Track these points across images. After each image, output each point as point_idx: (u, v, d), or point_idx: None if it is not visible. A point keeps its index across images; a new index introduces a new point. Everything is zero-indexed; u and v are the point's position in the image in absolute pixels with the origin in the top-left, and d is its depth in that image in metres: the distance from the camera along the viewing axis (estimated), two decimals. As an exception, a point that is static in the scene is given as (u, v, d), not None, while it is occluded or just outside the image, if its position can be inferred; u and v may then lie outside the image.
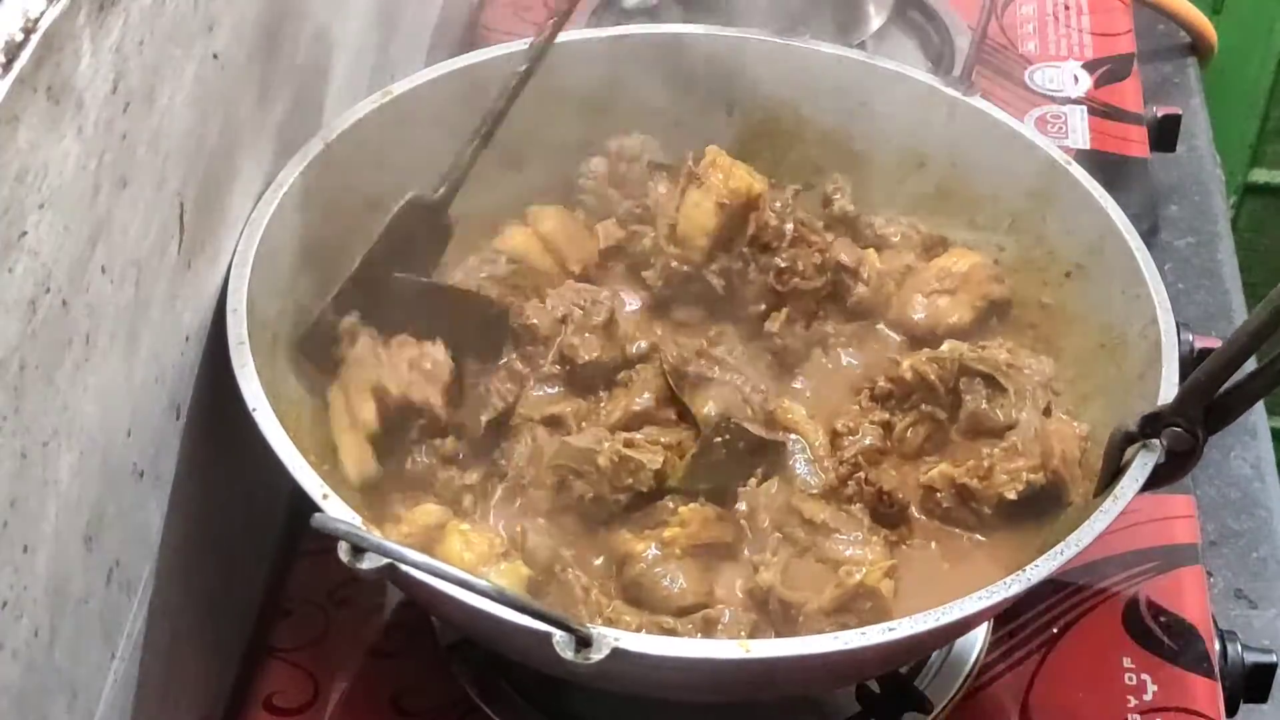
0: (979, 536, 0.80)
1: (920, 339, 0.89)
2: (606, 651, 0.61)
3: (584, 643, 0.61)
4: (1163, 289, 0.80)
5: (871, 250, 0.91)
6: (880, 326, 0.91)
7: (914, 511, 0.80)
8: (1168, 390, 0.75)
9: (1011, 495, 0.78)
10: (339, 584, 0.86)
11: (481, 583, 0.60)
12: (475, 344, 0.84)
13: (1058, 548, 0.68)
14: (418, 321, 0.82)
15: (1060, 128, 1.16)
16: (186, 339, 0.74)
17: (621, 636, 0.62)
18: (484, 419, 0.81)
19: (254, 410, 0.71)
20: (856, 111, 0.94)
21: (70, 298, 0.60)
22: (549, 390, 0.83)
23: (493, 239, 0.91)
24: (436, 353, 0.81)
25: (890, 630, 0.65)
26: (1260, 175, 1.79)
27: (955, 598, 0.67)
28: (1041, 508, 0.79)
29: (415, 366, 0.80)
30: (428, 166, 0.90)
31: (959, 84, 0.91)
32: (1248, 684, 0.85)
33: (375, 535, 0.61)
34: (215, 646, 0.83)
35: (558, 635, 0.61)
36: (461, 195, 0.87)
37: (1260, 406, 1.06)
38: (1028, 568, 0.68)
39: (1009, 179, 0.90)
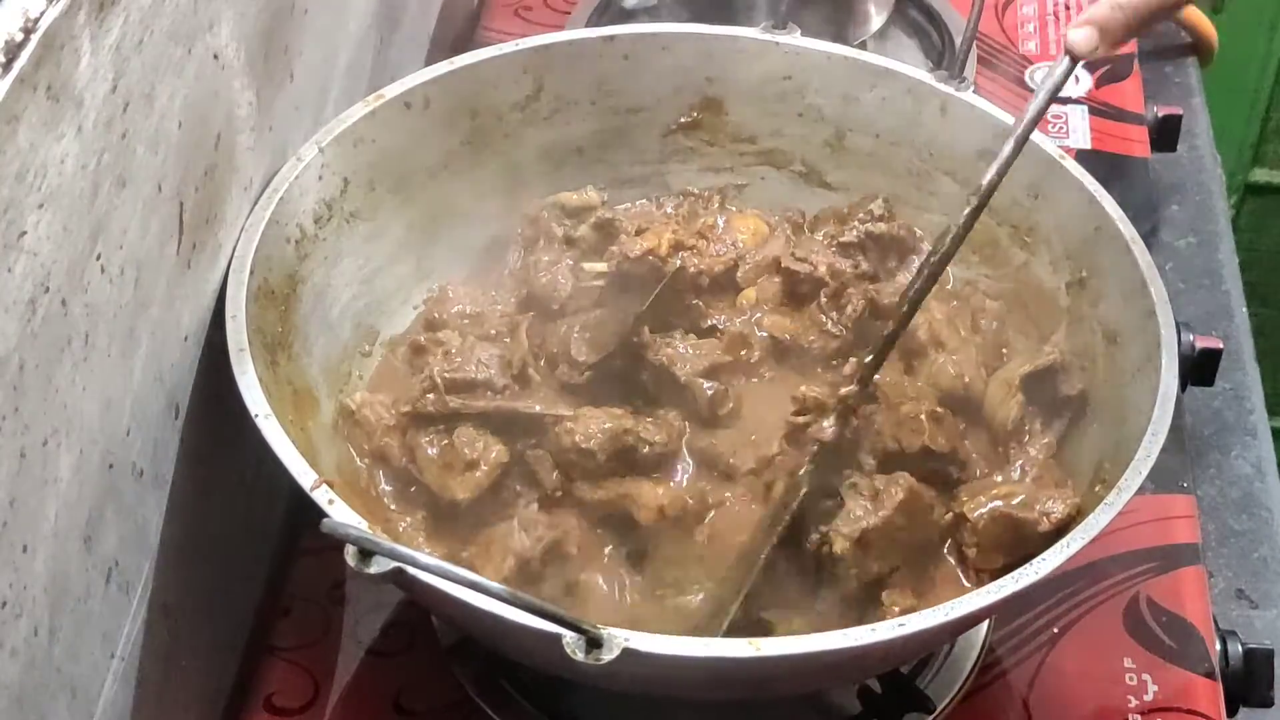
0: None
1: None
2: (617, 652, 0.61)
3: (594, 643, 0.61)
4: (1159, 281, 0.80)
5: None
6: None
7: None
8: (1168, 381, 0.75)
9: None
10: (339, 583, 0.86)
11: (494, 585, 0.60)
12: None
13: (1063, 541, 0.68)
14: None
15: (1061, 127, 1.16)
16: (185, 339, 0.74)
17: (631, 636, 0.62)
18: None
19: (257, 417, 0.71)
20: (849, 108, 0.94)
21: (69, 297, 0.60)
22: None
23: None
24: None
25: (900, 626, 0.65)
26: (1260, 175, 1.79)
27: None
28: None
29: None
30: (428, 165, 0.91)
31: (951, 79, 0.91)
32: (1250, 683, 0.85)
33: (383, 539, 0.61)
34: (215, 645, 0.83)
35: (568, 636, 0.61)
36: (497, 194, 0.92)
37: (1261, 406, 1.07)
38: (1034, 561, 0.68)
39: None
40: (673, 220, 0.94)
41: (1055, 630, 0.85)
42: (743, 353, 0.86)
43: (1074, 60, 0.75)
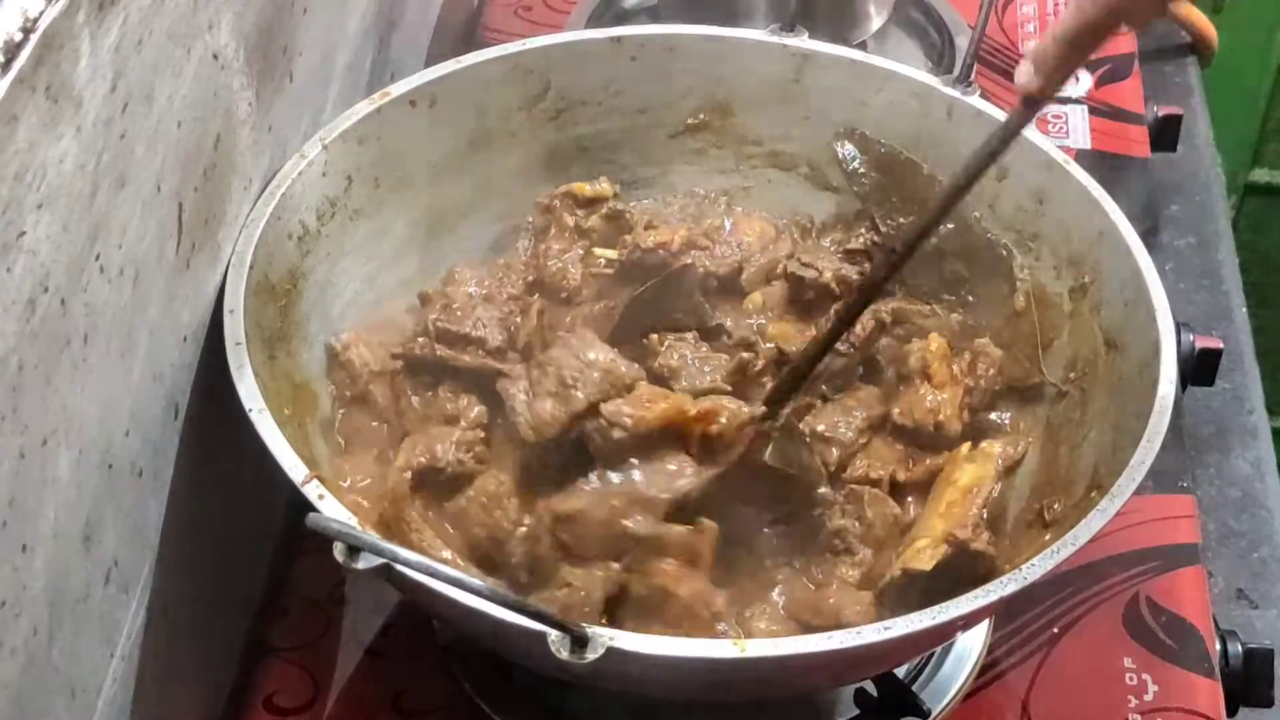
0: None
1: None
2: (601, 651, 0.61)
3: (579, 642, 0.61)
4: (1160, 286, 0.80)
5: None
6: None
7: None
8: (1166, 388, 0.75)
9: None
10: (339, 583, 0.86)
11: (476, 582, 0.60)
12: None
13: (1053, 547, 0.68)
14: None
15: (1061, 128, 1.16)
16: (185, 339, 0.74)
17: (616, 636, 0.62)
18: None
19: (251, 411, 0.71)
20: (855, 111, 0.94)
21: (69, 297, 0.60)
22: None
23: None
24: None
25: (885, 629, 0.65)
26: (1260, 175, 1.79)
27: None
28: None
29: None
30: (432, 164, 0.91)
31: (957, 83, 0.91)
32: (1250, 683, 0.85)
33: (370, 535, 0.61)
34: (215, 645, 0.83)
35: (553, 635, 0.61)
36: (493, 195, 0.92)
37: (1261, 406, 1.06)
38: (1024, 566, 0.67)
39: (1009, 179, 0.90)
40: (684, 219, 0.94)
41: (1055, 630, 0.85)
42: (745, 354, 0.85)
43: (1024, 102, 0.73)
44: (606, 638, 0.61)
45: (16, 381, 0.57)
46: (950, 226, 0.89)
